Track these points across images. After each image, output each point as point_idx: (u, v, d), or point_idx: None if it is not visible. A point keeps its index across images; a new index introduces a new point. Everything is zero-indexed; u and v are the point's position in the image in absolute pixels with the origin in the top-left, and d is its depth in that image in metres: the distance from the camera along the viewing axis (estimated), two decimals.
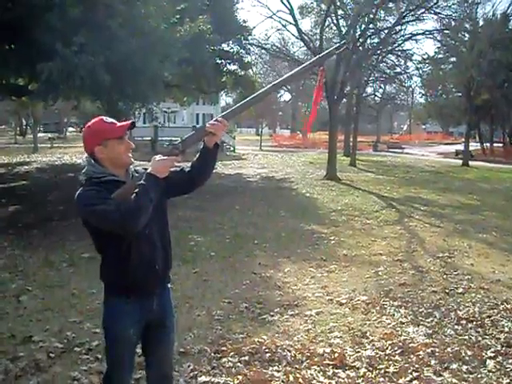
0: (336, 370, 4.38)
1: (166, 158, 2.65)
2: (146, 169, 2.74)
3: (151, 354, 2.97)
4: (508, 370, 4.42)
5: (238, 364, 4.45)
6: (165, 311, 2.92)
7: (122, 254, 2.67)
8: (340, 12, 24.35)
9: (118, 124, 2.71)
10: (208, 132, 2.73)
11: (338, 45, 3.07)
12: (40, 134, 51.75)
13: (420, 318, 5.66)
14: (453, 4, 26.31)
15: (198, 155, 2.84)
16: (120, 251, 2.66)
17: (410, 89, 54.92)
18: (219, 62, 19.12)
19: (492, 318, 5.69)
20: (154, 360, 2.98)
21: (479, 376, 4.32)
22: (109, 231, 2.57)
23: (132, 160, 2.78)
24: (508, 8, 32.47)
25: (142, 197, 2.52)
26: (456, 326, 5.43)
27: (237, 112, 2.88)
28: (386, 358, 4.62)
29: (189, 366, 4.36)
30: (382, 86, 46.95)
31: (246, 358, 4.54)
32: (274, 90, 3.03)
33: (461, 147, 39.09)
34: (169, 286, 3.00)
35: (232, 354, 4.63)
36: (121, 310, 2.76)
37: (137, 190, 2.53)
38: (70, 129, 71.09)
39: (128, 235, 2.59)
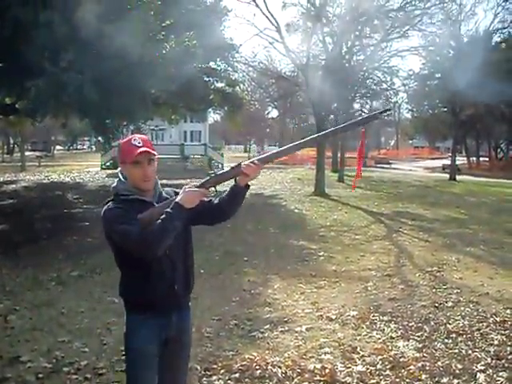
0: None
1: (196, 190, 2.68)
2: (176, 192, 2.84)
3: (166, 370, 2.92)
4: (498, 382, 4.42)
5: (229, 381, 4.42)
6: (183, 328, 2.90)
7: (142, 272, 2.70)
8: (326, 29, 24.55)
9: (139, 149, 2.70)
10: (242, 172, 2.74)
11: (382, 110, 3.11)
12: (28, 153, 51.55)
13: (410, 333, 5.67)
14: (437, 21, 26.68)
15: (228, 191, 2.83)
16: (140, 269, 2.69)
17: (397, 104, 55.43)
18: (206, 79, 19.19)
19: (481, 331, 5.71)
20: (168, 376, 2.94)
21: None
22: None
23: (149, 187, 2.78)
24: (490, 25, 32.88)
25: (166, 224, 2.55)
26: (446, 340, 5.44)
27: (273, 158, 2.91)
28: (377, 373, 4.61)
29: None
30: (368, 101, 47.30)
31: (237, 375, 4.52)
32: (303, 146, 2.98)
33: (447, 162, 39.43)
34: (189, 304, 2.99)
35: (222, 371, 4.60)
36: (140, 326, 2.76)
37: (162, 217, 2.55)
38: (58, 147, 70.88)
39: (147, 259, 2.62)
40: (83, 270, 8.40)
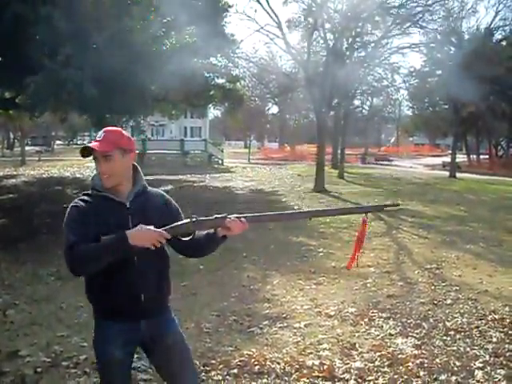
0: (325, 382, 4.37)
1: (156, 231, 2.49)
2: (170, 204, 2.80)
3: (169, 377, 2.87)
4: (496, 380, 4.43)
5: (227, 377, 4.43)
6: (160, 331, 2.76)
7: (102, 280, 2.59)
8: (327, 26, 24.54)
9: (90, 144, 2.60)
10: (225, 225, 2.61)
11: (388, 203, 3.13)
12: (27, 148, 51.47)
13: (409, 330, 5.67)
14: (438, 18, 26.72)
15: (204, 234, 2.70)
16: (101, 276, 2.57)
17: (398, 101, 55.41)
18: (207, 75, 19.15)
19: (480, 329, 5.72)
20: (173, 380, 2.87)
21: None
22: None
23: (106, 184, 2.61)
24: (491, 22, 32.84)
25: (97, 252, 2.45)
26: (444, 337, 5.45)
27: (263, 220, 2.86)
28: (375, 369, 4.62)
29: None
30: (369, 98, 47.32)
31: (235, 370, 4.53)
32: (297, 217, 2.93)
33: (448, 159, 39.38)
34: (168, 309, 2.87)
35: (221, 367, 4.61)
36: (106, 333, 2.68)
37: (100, 243, 2.43)
38: (58, 142, 70.80)
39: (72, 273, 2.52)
40: None
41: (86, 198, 2.66)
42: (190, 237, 2.65)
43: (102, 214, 2.57)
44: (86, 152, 2.58)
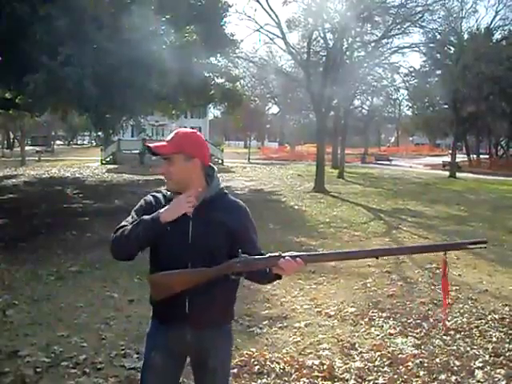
0: (325, 382, 4.36)
1: (181, 199, 2.44)
2: (240, 209, 2.65)
3: None
4: (496, 379, 4.43)
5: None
6: (206, 349, 2.58)
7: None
8: (327, 25, 24.54)
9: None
10: (278, 265, 2.41)
11: (474, 240, 2.70)
12: (27, 148, 51.50)
13: (408, 329, 5.67)
14: (438, 18, 26.78)
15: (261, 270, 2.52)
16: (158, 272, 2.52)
17: (397, 101, 55.46)
18: (207, 75, 19.17)
19: (480, 329, 5.72)
20: None
21: None
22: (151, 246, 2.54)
23: (168, 186, 2.57)
24: (491, 22, 32.92)
25: (132, 230, 2.42)
26: (444, 337, 5.44)
27: (321, 260, 2.66)
28: (375, 369, 4.61)
29: (182, 382, 4.34)
30: (369, 98, 47.32)
31: (235, 370, 4.51)
32: (371, 255, 2.68)
33: (448, 159, 39.45)
34: (227, 326, 2.71)
35: None
36: (151, 332, 2.64)
37: (141, 220, 2.42)
38: (58, 142, 70.83)
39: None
40: (82, 265, 8.40)
41: (157, 194, 2.63)
42: (244, 276, 2.52)
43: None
44: (149, 150, 2.55)
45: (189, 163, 2.51)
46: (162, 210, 2.41)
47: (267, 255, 2.46)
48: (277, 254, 2.43)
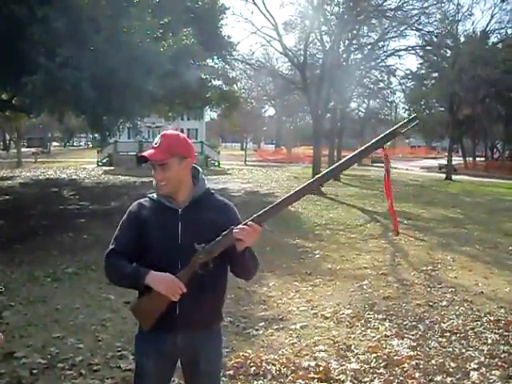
0: None
1: (174, 281, 2.40)
2: (226, 206, 2.68)
3: None
4: (491, 381, 4.45)
5: (223, 378, 4.42)
6: (197, 351, 2.60)
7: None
8: (324, 28, 24.61)
9: (144, 153, 2.57)
10: (236, 239, 2.40)
11: (404, 121, 2.57)
12: (24, 149, 51.38)
13: (404, 331, 5.69)
14: (434, 21, 26.87)
15: (233, 255, 2.49)
16: None
17: (394, 104, 55.47)
18: (204, 77, 19.18)
19: (475, 330, 5.74)
20: None
21: None
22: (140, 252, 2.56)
23: (163, 191, 2.58)
24: (487, 25, 33.00)
25: (118, 274, 2.50)
26: (440, 339, 5.46)
27: (270, 214, 2.55)
28: (371, 370, 4.63)
29: (173, 381, 4.34)
30: (365, 101, 47.38)
31: (231, 372, 4.53)
32: (315, 186, 2.59)
33: (444, 161, 39.52)
34: (217, 328, 2.74)
35: None
36: (142, 337, 2.63)
37: (123, 267, 2.45)
38: (54, 143, 70.68)
39: None
40: (78, 266, 8.39)
41: (143, 201, 2.67)
42: (211, 267, 2.47)
43: (153, 220, 2.56)
44: (142, 160, 2.55)
45: (182, 164, 2.55)
46: (153, 275, 2.41)
47: (219, 237, 2.44)
48: (227, 230, 2.42)
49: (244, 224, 2.43)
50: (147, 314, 2.50)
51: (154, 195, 2.65)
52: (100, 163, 37.79)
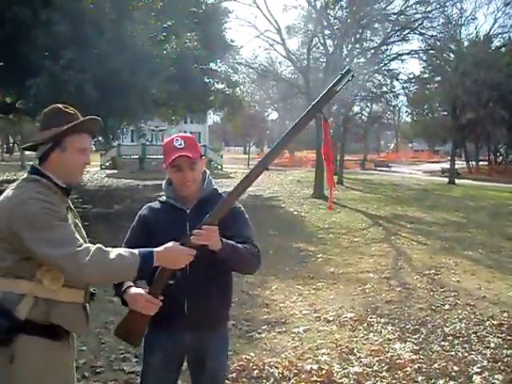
0: None
1: (150, 299, 2.39)
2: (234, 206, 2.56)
3: None
4: None
5: (226, 381, 4.43)
6: (205, 349, 2.62)
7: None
8: (327, 32, 24.62)
9: (178, 153, 2.51)
10: (198, 244, 2.34)
11: (337, 77, 2.47)
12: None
13: (407, 335, 5.68)
14: (437, 25, 26.82)
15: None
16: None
17: (397, 108, 55.44)
18: (207, 80, 19.23)
19: (478, 334, 5.73)
20: None
21: None
22: None
23: (186, 192, 2.59)
24: (490, 29, 33.04)
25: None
26: (442, 342, 5.45)
27: (222, 209, 2.40)
28: (374, 374, 4.63)
29: None
30: (368, 105, 47.31)
31: (234, 375, 4.53)
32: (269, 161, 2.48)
33: (447, 165, 39.45)
34: (224, 325, 2.78)
35: None
36: (151, 336, 2.63)
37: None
38: None
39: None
40: None
41: (152, 204, 2.71)
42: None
43: (162, 221, 2.59)
44: (182, 159, 2.51)
45: (201, 163, 2.65)
46: (129, 294, 2.48)
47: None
48: (184, 238, 2.36)
49: (198, 228, 2.35)
50: (130, 333, 2.54)
51: (164, 197, 2.69)
52: (103, 166, 37.83)
